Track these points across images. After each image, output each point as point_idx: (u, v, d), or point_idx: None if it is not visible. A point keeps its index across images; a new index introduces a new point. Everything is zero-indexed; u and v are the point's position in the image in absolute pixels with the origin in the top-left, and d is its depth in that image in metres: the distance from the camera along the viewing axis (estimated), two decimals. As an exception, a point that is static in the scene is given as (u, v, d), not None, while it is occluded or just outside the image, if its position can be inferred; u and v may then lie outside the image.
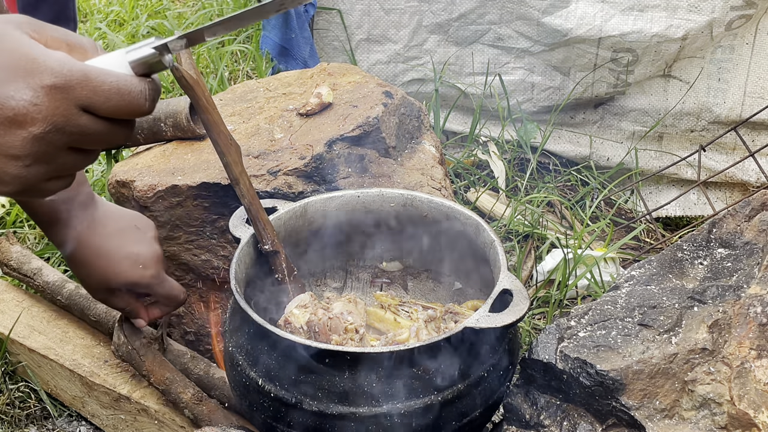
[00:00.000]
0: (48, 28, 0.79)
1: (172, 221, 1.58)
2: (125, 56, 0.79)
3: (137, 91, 0.78)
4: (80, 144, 0.79)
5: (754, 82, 2.35)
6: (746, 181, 2.41)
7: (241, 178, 1.28)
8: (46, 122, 0.75)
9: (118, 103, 0.77)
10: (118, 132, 0.80)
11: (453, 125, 2.54)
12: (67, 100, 0.75)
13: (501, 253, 1.26)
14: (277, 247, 1.33)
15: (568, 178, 2.46)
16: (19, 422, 1.71)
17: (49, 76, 0.74)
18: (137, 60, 0.79)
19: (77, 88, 0.75)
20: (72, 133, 0.76)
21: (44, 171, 0.78)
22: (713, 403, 1.13)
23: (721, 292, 1.23)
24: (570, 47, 2.35)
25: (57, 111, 0.75)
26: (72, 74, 0.75)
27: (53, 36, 0.79)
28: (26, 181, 0.78)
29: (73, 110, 0.76)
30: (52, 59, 0.75)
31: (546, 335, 1.23)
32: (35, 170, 0.77)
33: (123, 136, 0.81)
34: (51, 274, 1.80)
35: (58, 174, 0.80)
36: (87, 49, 0.80)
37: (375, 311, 1.39)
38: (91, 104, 0.76)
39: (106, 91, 0.76)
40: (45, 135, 0.75)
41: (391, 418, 1.12)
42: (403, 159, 1.68)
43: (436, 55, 2.49)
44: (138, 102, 0.78)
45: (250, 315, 1.15)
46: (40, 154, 0.76)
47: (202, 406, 1.47)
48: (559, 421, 1.19)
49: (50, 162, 0.78)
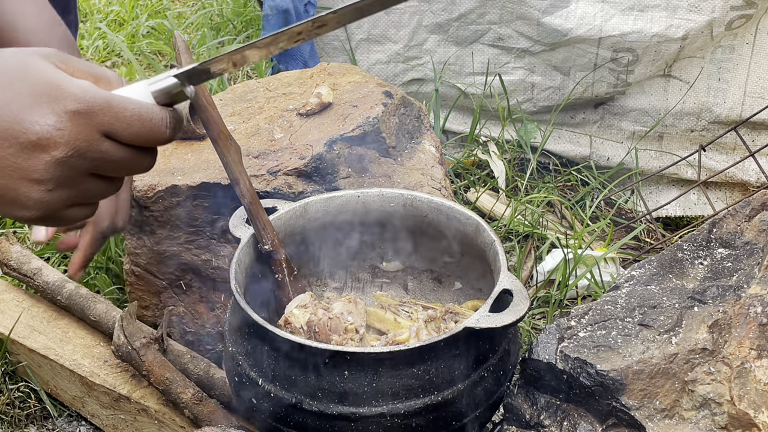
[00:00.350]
0: (75, 60, 0.81)
1: (172, 221, 1.58)
2: (148, 87, 0.81)
3: (158, 119, 0.80)
4: (103, 170, 0.80)
5: (754, 82, 2.34)
6: (746, 181, 2.41)
7: (241, 178, 1.28)
8: (68, 147, 0.76)
9: (140, 129, 0.79)
10: (140, 159, 0.81)
11: (453, 125, 2.54)
12: (89, 126, 0.77)
13: (501, 253, 1.26)
14: (277, 248, 1.33)
15: (568, 178, 2.46)
16: (19, 422, 1.71)
17: (72, 102, 0.76)
18: (160, 90, 0.81)
19: (99, 114, 0.77)
20: (94, 158, 0.78)
21: (66, 196, 0.79)
22: (713, 403, 1.13)
23: (721, 292, 1.23)
24: (570, 47, 2.34)
25: (80, 136, 0.76)
26: (95, 101, 0.77)
27: (79, 68, 0.81)
28: (48, 206, 0.79)
29: (96, 136, 0.77)
30: (75, 86, 0.77)
31: (546, 335, 1.23)
32: (58, 195, 0.78)
33: (145, 164, 0.83)
34: (51, 274, 1.80)
35: (80, 201, 0.81)
36: (112, 80, 0.82)
37: (375, 311, 1.39)
38: (113, 130, 0.78)
39: (128, 118, 0.78)
40: (68, 159, 0.77)
41: (391, 418, 1.12)
42: (403, 159, 1.68)
43: (436, 55, 2.49)
44: (159, 129, 0.80)
45: (250, 315, 1.15)
46: (62, 179, 0.78)
47: (202, 406, 1.47)
48: (559, 421, 1.19)
49: (72, 187, 0.79)
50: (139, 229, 1.62)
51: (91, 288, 1.91)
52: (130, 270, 1.69)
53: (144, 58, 3.17)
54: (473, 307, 1.37)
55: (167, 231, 1.59)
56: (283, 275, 1.35)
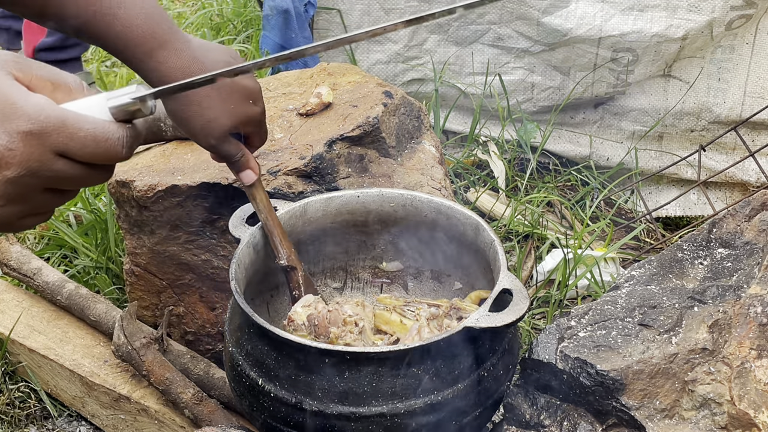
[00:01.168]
0: (33, 66, 0.80)
1: (172, 221, 1.58)
2: (106, 102, 0.79)
3: (114, 138, 0.78)
4: (56, 185, 0.80)
5: (754, 82, 2.34)
6: (746, 181, 2.41)
7: (257, 190, 1.29)
8: (20, 167, 0.76)
9: (95, 150, 0.78)
10: (95, 175, 0.81)
11: (453, 125, 2.54)
12: (42, 146, 0.76)
13: (501, 253, 1.26)
14: (294, 263, 1.32)
15: (568, 178, 2.46)
16: (19, 422, 1.71)
17: (25, 122, 0.75)
18: (118, 107, 0.79)
19: (53, 134, 0.76)
20: (47, 177, 0.78)
21: (19, 210, 0.80)
22: (713, 403, 1.13)
23: (721, 292, 1.23)
24: (570, 47, 2.34)
25: (32, 156, 0.76)
26: (48, 120, 0.76)
27: (38, 75, 0.80)
28: (1, 220, 0.79)
29: (49, 155, 0.77)
30: (30, 104, 0.76)
31: (546, 335, 1.23)
32: (10, 210, 0.79)
33: (102, 178, 0.82)
34: (51, 274, 1.80)
35: (34, 212, 0.82)
36: (72, 88, 0.81)
37: (382, 314, 1.39)
38: (67, 150, 0.77)
39: (83, 138, 0.77)
40: (19, 178, 0.76)
41: (391, 418, 1.12)
42: (403, 159, 1.68)
43: (436, 55, 2.49)
44: (114, 149, 0.79)
45: (250, 315, 1.15)
46: (14, 196, 0.78)
47: (202, 406, 1.47)
48: (559, 421, 1.19)
49: (25, 203, 0.79)
50: (139, 229, 1.62)
51: (91, 288, 1.91)
52: (130, 270, 1.69)
53: (144, 58, 3.16)
54: (477, 299, 1.37)
55: (167, 231, 1.59)
56: (299, 291, 1.34)
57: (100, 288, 1.92)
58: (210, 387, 1.54)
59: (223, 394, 1.52)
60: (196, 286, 1.64)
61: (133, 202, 1.58)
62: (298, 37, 2.46)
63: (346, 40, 0.79)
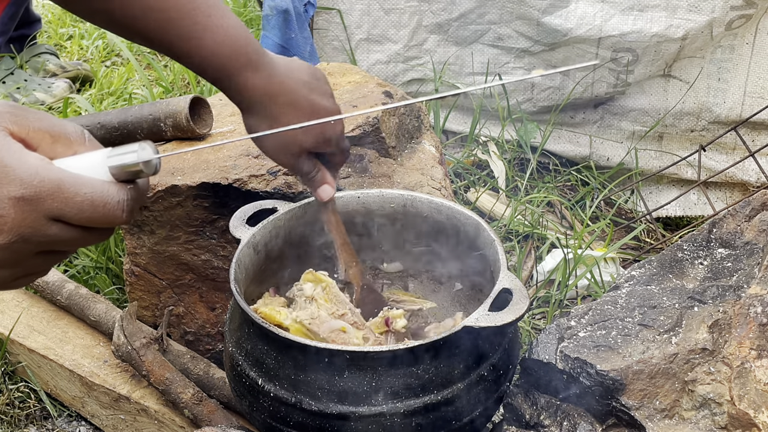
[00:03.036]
0: (30, 118, 0.76)
1: (172, 221, 1.58)
2: (106, 160, 0.75)
3: (113, 203, 0.75)
4: (50, 248, 0.77)
5: (754, 82, 2.35)
6: (746, 181, 2.41)
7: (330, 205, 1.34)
8: (11, 233, 0.73)
9: (92, 215, 0.74)
10: (92, 238, 0.78)
11: (453, 125, 2.54)
12: (35, 212, 0.73)
13: (501, 253, 1.26)
14: (350, 279, 1.36)
15: (568, 178, 2.46)
16: (18, 422, 1.71)
17: (17, 187, 0.72)
18: (118, 166, 0.75)
19: (48, 199, 0.72)
20: (40, 242, 0.75)
21: (11, 273, 0.77)
22: (713, 403, 1.13)
23: (721, 292, 1.23)
24: (570, 47, 2.34)
25: (24, 222, 0.73)
26: (42, 185, 0.72)
27: (35, 127, 0.76)
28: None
29: (42, 221, 0.73)
30: (23, 168, 0.72)
31: (546, 335, 1.23)
32: (2, 274, 0.77)
33: (98, 240, 0.79)
34: (51, 274, 1.80)
35: (27, 273, 0.79)
36: (72, 140, 0.77)
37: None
38: (62, 215, 0.74)
39: (79, 203, 0.73)
40: (10, 245, 0.74)
41: (391, 418, 1.12)
42: (403, 159, 1.68)
43: (436, 55, 2.49)
44: (113, 214, 0.75)
45: (250, 315, 1.15)
46: (6, 261, 0.75)
47: (201, 406, 1.47)
48: (559, 421, 1.19)
49: (17, 266, 0.77)
50: (139, 229, 1.62)
51: (91, 288, 1.91)
52: (130, 270, 1.69)
53: (143, 58, 3.17)
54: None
55: (167, 231, 1.59)
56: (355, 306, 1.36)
57: (100, 288, 1.92)
58: (210, 387, 1.54)
59: (223, 394, 1.52)
60: (196, 286, 1.65)
61: (133, 202, 1.58)
62: (298, 37, 2.46)
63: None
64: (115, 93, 2.97)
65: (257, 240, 1.33)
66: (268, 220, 1.36)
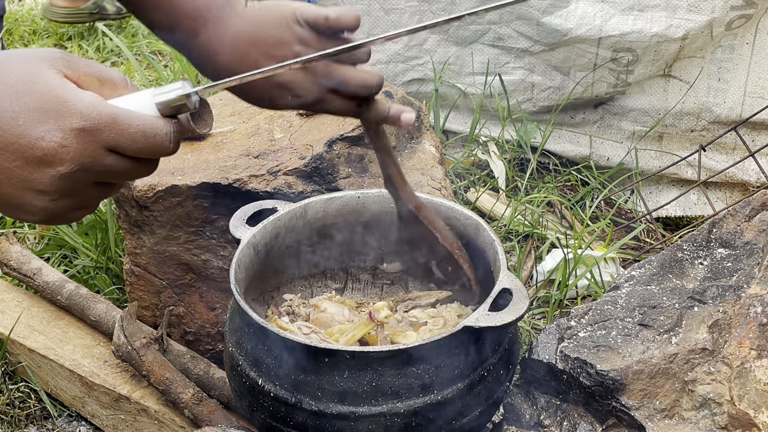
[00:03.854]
0: (81, 63, 0.82)
1: (172, 221, 1.58)
2: (153, 98, 0.83)
3: (163, 134, 0.81)
4: (106, 179, 0.83)
5: (754, 82, 2.34)
6: (746, 181, 2.41)
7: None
8: (73, 162, 0.79)
9: (144, 145, 0.81)
10: (142, 169, 0.84)
11: (453, 125, 2.54)
12: (94, 143, 0.79)
13: (501, 253, 1.26)
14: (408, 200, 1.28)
15: (568, 178, 2.46)
16: (19, 422, 1.71)
17: (78, 119, 0.78)
18: (164, 102, 0.82)
19: (105, 131, 0.79)
20: (98, 171, 0.81)
21: (70, 203, 0.83)
22: (713, 403, 1.13)
23: (721, 292, 1.23)
24: (570, 47, 2.34)
25: (84, 152, 0.79)
26: (100, 117, 0.79)
27: (85, 71, 0.82)
28: (52, 213, 0.83)
29: (100, 151, 0.80)
30: (82, 102, 0.78)
31: (546, 335, 1.23)
32: (62, 204, 0.82)
33: (148, 172, 0.86)
34: (51, 274, 1.80)
35: (83, 205, 0.85)
36: (117, 84, 0.84)
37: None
38: (117, 146, 0.80)
39: (133, 134, 0.80)
40: (72, 174, 0.80)
41: (391, 418, 1.12)
42: (403, 159, 1.68)
43: (436, 54, 2.49)
44: (163, 144, 0.82)
45: (250, 315, 1.15)
46: (66, 190, 0.81)
47: (202, 406, 1.47)
48: (559, 421, 1.19)
49: (76, 196, 0.82)
50: (139, 229, 1.62)
51: (91, 288, 1.91)
52: (130, 270, 1.69)
53: (143, 58, 3.17)
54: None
55: (167, 231, 1.59)
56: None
57: (100, 288, 1.92)
58: (210, 387, 1.54)
59: (223, 394, 1.52)
60: (196, 286, 1.65)
61: (133, 202, 1.58)
62: (298, 37, 2.46)
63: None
64: (115, 93, 2.96)
65: (257, 240, 1.33)
66: (268, 220, 1.36)
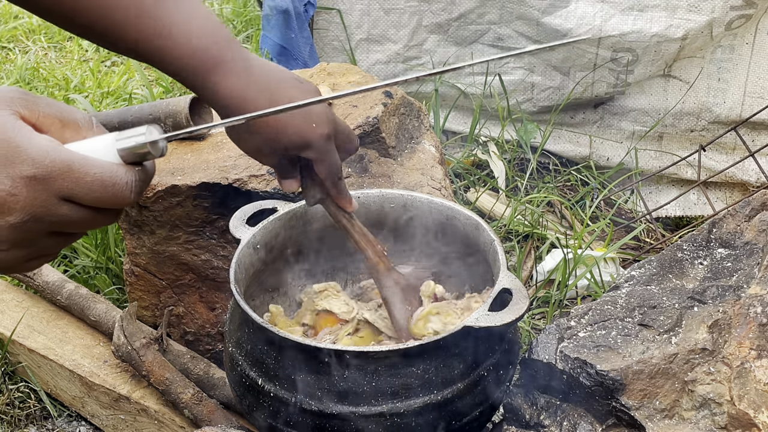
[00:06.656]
0: (41, 103, 0.77)
1: (172, 221, 1.58)
2: (115, 143, 0.77)
3: (122, 183, 0.76)
4: (61, 229, 0.78)
5: (754, 82, 2.35)
6: (746, 181, 2.41)
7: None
8: (23, 212, 0.74)
9: (101, 195, 0.76)
10: (101, 219, 0.79)
11: (453, 125, 2.54)
12: (46, 191, 0.74)
13: (501, 253, 1.26)
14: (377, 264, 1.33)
15: (568, 178, 2.46)
16: (19, 422, 1.71)
17: (29, 166, 0.73)
18: (126, 149, 0.77)
19: (58, 179, 0.74)
20: (52, 222, 0.76)
21: (24, 254, 0.78)
22: (713, 403, 1.13)
23: (721, 292, 1.23)
24: (570, 47, 2.35)
25: (36, 202, 0.74)
26: (54, 164, 0.74)
27: (45, 112, 0.77)
28: (4, 264, 0.78)
29: (53, 200, 0.75)
30: (34, 148, 0.74)
31: (546, 335, 1.23)
32: (14, 254, 0.78)
33: (108, 221, 0.81)
34: (51, 274, 1.80)
35: (39, 254, 0.80)
36: (81, 126, 0.79)
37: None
38: (72, 195, 0.75)
39: (89, 183, 0.75)
40: (23, 224, 0.75)
41: (391, 418, 1.12)
42: (403, 159, 1.68)
43: (435, 55, 2.49)
44: (122, 194, 0.77)
45: (250, 315, 1.15)
46: (18, 241, 0.76)
47: (201, 406, 1.47)
48: (559, 421, 1.19)
49: (30, 246, 0.78)
50: (139, 229, 1.62)
51: (91, 288, 1.91)
52: (130, 270, 1.69)
53: (144, 58, 3.16)
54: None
55: (167, 231, 1.59)
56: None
57: (100, 288, 1.92)
58: (210, 387, 1.54)
59: (223, 394, 1.53)
60: (196, 286, 1.65)
61: (133, 202, 1.58)
62: (298, 37, 2.46)
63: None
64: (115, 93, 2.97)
65: (257, 240, 1.33)
66: (268, 220, 1.36)
